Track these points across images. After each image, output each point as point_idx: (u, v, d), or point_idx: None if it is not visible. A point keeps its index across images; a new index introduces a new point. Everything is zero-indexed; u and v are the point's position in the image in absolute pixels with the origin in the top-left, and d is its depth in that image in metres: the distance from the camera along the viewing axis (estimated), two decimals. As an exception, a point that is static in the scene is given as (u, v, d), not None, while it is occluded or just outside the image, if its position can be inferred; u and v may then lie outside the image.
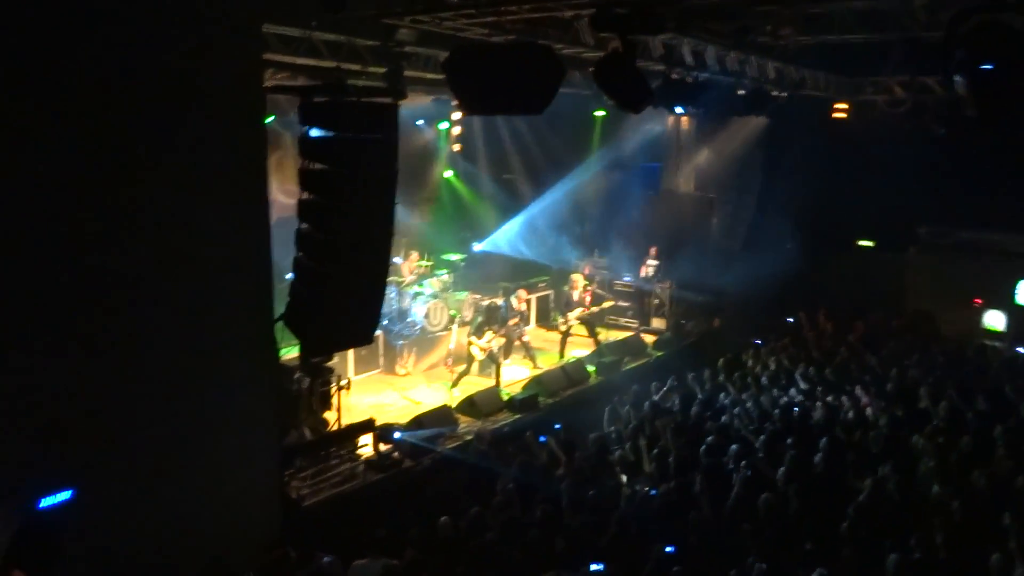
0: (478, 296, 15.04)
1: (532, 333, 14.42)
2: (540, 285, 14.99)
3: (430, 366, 13.26)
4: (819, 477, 7.52)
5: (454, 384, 11.97)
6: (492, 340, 12.40)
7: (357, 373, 12.42)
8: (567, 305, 14.03)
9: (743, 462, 7.70)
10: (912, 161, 13.69)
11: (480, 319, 12.44)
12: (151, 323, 6.14)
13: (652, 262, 15.94)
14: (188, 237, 6.28)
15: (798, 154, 15.28)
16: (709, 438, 8.57)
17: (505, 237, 16.84)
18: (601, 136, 16.74)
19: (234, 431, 6.72)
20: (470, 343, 12.28)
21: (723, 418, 9.34)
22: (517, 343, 13.35)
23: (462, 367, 12.33)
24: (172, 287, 6.21)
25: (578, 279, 14.12)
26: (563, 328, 14.06)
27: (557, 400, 11.96)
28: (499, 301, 13.73)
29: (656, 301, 15.90)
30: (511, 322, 12.91)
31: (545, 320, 15.50)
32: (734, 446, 8.21)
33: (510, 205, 16.82)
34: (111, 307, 5.96)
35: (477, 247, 16.59)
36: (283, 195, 11.81)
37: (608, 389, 12.56)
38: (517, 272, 16.02)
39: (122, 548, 6.08)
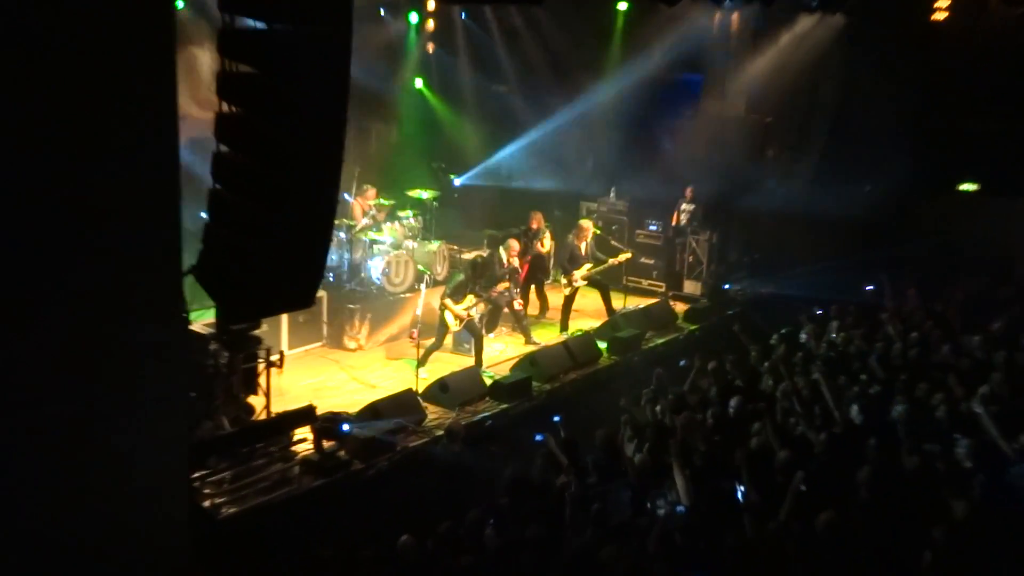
0: (455, 247, 15.14)
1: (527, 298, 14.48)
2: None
3: (389, 338, 13.35)
4: (897, 493, 7.53)
5: (421, 363, 12.02)
6: (473, 306, 12.42)
7: (293, 346, 12.50)
8: (572, 260, 14.08)
9: (798, 472, 7.72)
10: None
11: (459, 278, 12.47)
12: (15, 277, 6.02)
13: (687, 206, 15.99)
14: (68, 160, 6.12)
15: (883, 66, 15.21)
16: (753, 440, 8.61)
17: (493, 170, 16.81)
18: (624, 38, 16.66)
19: (127, 419, 6.65)
20: (443, 309, 12.31)
21: (773, 414, 9.38)
22: (506, 311, 13.41)
23: (432, 341, 12.40)
24: (43, 228, 6.09)
25: (588, 227, 14.14)
26: (566, 290, 14.12)
27: (557, 386, 12.08)
28: (484, 254, 13.77)
29: (690, 258, 15.99)
30: (500, 286, 12.93)
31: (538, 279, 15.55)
32: (785, 451, 8.25)
33: (501, 127, 16.78)
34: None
35: (456, 182, 16.57)
36: (196, 108, 11.75)
37: (624, 373, 12.69)
38: (508, 216, 16.11)
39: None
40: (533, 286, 14.25)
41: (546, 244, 14.33)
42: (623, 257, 14.34)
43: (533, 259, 14.07)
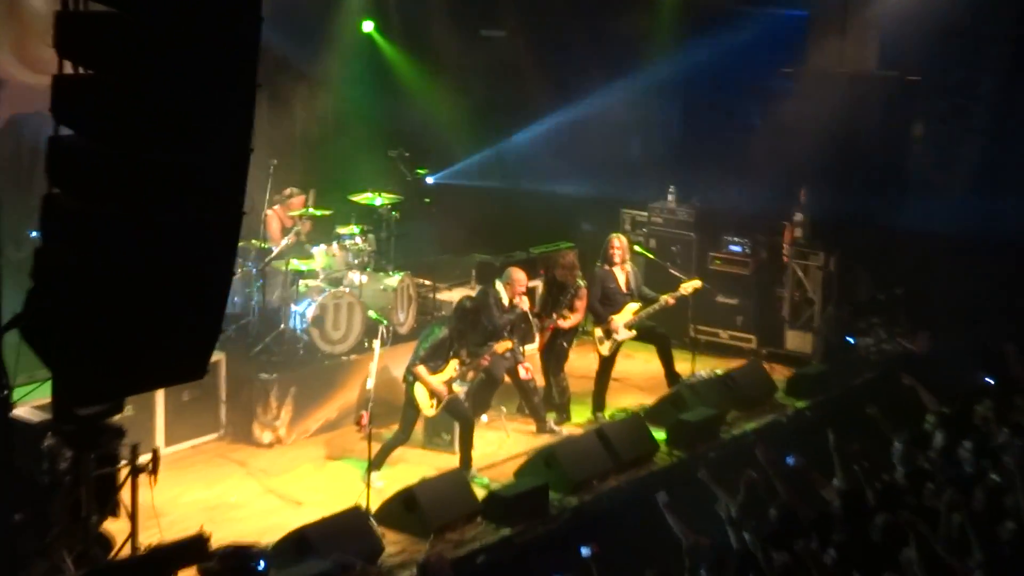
0: (426, 282, 15.12)
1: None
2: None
3: (324, 426, 13.40)
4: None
5: (375, 465, 11.88)
6: (457, 376, 12.34)
7: (173, 441, 12.53)
8: (607, 301, 14.02)
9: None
10: None
11: (437, 333, 12.37)
12: None
13: (797, 217, 16.01)
14: None
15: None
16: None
17: (487, 163, 16.81)
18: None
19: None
20: (412, 381, 12.21)
21: (930, 542, 9.24)
22: (507, 381, 13.39)
23: (392, 431, 12.36)
24: None
25: (623, 246, 14.06)
26: (602, 347, 14.08)
27: (588, 499, 12.05)
28: (473, 294, 13.72)
29: (796, 295, 16.00)
30: (499, 346, 12.86)
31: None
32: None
33: (496, 93, 16.91)
34: None
35: (428, 180, 16.56)
36: (25, 70, 11.73)
37: (691, 476, 12.56)
38: (507, 232, 16.19)
39: None
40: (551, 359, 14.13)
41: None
42: (689, 288, 14.23)
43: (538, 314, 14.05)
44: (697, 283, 14.34)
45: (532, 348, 14.07)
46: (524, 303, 13.38)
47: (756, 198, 16.06)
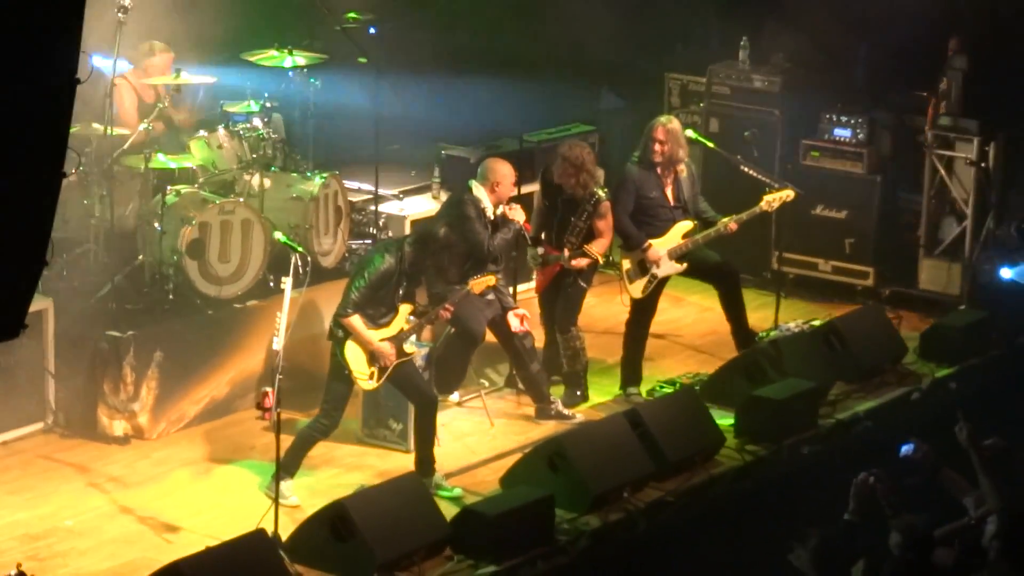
0: (363, 187, 15.26)
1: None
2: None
3: (206, 407, 13.51)
4: None
5: (285, 468, 11.90)
6: (410, 328, 12.34)
7: None
8: (644, 214, 14.07)
9: None
10: None
11: (378, 263, 12.33)
12: None
13: (942, 85, 16.01)
14: None
15: None
16: None
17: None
18: None
19: None
20: (341, 340, 12.19)
21: None
22: (491, 336, 13.51)
23: (314, 418, 12.36)
24: None
25: (675, 129, 14.00)
26: (634, 288, 14.13)
27: (615, 519, 12.06)
28: (436, 202, 13.93)
29: (936, 206, 16.07)
30: (478, 280, 12.83)
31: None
32: None
33: None
34: None
35: (370, 30, 16.54)
36: None
37: (781, 481, 12.78)
38: (489, 110, 16.39)
39: None
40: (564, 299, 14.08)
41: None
42: (775, 201, 14.31)
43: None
44: (788, 192, 14.37)
45: (526, 288, 14.09)
46: (518, 213, 13.34)
47: (876, 53, 16.03)
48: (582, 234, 13.62)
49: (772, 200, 14.14)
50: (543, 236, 13.90)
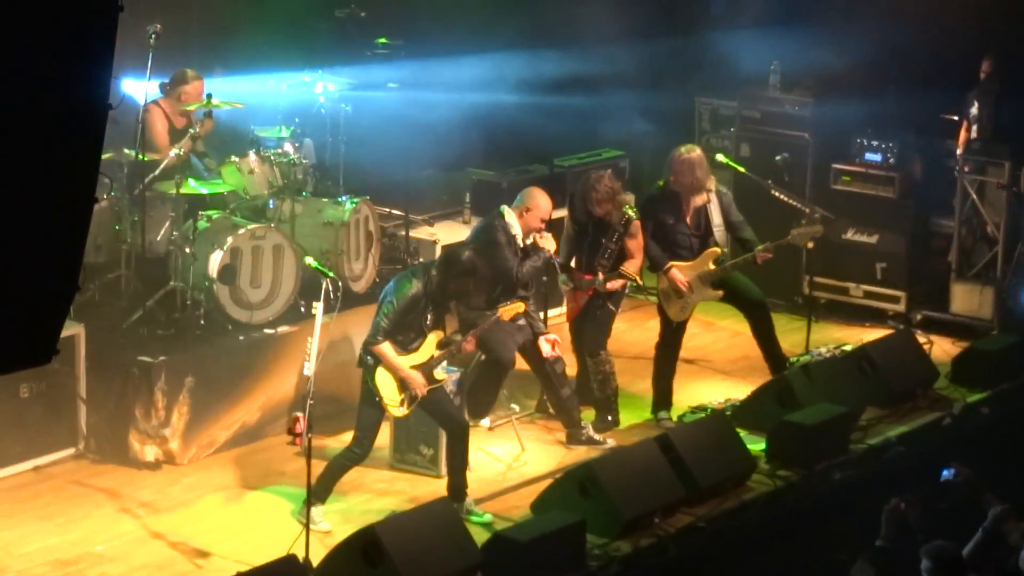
0: (394, 212, 15.20)
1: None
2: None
3: (236, 433, 13.49)
4: None
5: (316, 494, 11.89)
6: (440, 355, 12.31)
7: (3, 461, 12.61)
8: (668, 240, 14.04)
9: None
10: None
11: (408, 288, 12.30)
12: None
13: (973, 110, 15.96)
14: None
15: None
16: None
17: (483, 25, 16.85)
18: None
19: None
20: (372, 367, 12.17)
21: None
22: (522, 361, 13.48)
23: (347, 446, 12.36)
24: None
25: (699, 159, 13.98)
26: (671, 311, 14.11)
27: (646, 544, 12.03)
28: (467, 228, 13.75)
29: (968, 231, 16.00)
30: (507, 308, 12.80)
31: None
32: None
33: None
34: None
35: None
36: None
37: (815, 506, 12.70)
38: (518, 135, 16.33)
39: None
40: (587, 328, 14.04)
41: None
42: (805, 236, 14.26)
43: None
44: (818, 228, 14.32)
45: (557, 313, 14.07)
46: (549, 242, 13.32)
47: (907, 77, 15.99)
48: (614, 256, 13.56)
49: (801, 235, 14.14)
50: (573, 262, 13.81)
